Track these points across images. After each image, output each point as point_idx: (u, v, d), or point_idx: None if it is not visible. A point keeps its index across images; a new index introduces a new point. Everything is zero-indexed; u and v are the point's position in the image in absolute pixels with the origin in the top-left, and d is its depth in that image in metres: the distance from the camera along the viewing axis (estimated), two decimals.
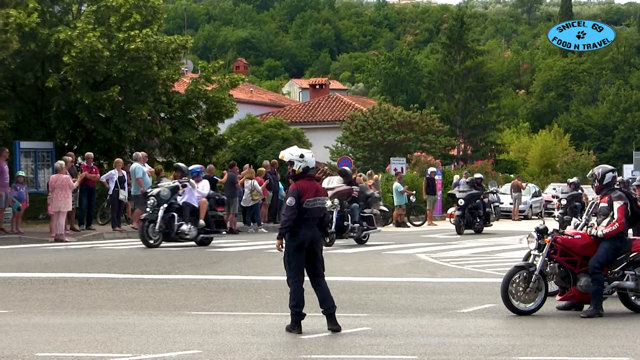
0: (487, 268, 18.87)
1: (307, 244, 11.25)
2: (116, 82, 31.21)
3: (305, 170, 11.45)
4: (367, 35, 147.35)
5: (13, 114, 31.46)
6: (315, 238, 11.30)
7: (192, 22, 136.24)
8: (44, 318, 12.22)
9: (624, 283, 12.99)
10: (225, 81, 34.94)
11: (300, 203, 11.27)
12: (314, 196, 11.33)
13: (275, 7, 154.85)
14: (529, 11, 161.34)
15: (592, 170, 13.49)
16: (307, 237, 11.24)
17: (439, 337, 11.09)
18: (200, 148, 34.08)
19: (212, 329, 11.40)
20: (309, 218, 11.28)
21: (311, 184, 11.41)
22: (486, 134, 67.58)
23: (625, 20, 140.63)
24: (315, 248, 11.31)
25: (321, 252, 11.43)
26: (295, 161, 11.46)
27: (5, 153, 25.86)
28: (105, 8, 32.42)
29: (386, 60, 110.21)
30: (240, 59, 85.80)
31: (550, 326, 12.06)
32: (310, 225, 11.29)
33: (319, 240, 11.39)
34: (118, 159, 28.72)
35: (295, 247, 11.25)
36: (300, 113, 59.29)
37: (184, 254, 21.69)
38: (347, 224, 24.28)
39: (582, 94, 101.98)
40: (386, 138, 50.47)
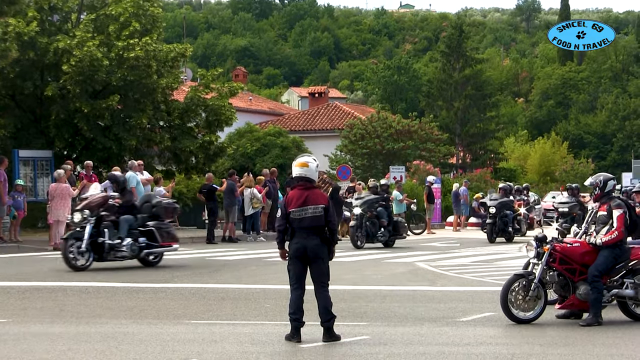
0: (486, 276, 18.86)
1: (301, 253, 11.13)
2: (115, 91, 31.20)
3: (297, 179, 11.42)
4: (366, 43, 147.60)
5: (12, 122, 31.45)
6: (309, 247, 11.12)
7: (192, 30, 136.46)
8: (42, 327, 12.20)
9: (623, 291, 12.99)
10: (225, 89, 34.94)
11: (287, 213, 11.24)
12: (302, 205, 11.18)
13: (274, 15, 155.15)
14: (527, 20, 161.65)
15: (591, 178, 13.46)
16: (300, 246, 11.14)
17: (439, 345, 11.08)
18: (200, 156, 34.07)
19: (211, 338, 11.39)
20: (300, 227, 11.16)
21: (300, 193, 11.27)
22: (485, 143, 67.61)
23: (624, 29, 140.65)
24: (313, 257, 11.14)
25: (323, 261, 11.21)
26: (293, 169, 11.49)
27: (5, 162, 25.92)
28: (105, 17, 32.44)
29: (385, 69, 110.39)
30: (240, 67, 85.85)
31: (550, 335, 12.05)
32: (303, 234, 11.16)
33: (315, 249, 11.12)
34: (116, 167, 28.68)
35: (290, 256, 11.23)
36: (300, 121, 59.35)
37: (183, 263, 21.66)
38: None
39: (581, 102, 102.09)
40: (385, 146, 50.51)
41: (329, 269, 11.35)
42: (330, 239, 11.31)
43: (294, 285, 11.18)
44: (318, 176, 11.78)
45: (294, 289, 11.17)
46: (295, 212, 11.16)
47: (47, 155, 31.17)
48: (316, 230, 11.19)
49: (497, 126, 70.37)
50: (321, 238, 11.20)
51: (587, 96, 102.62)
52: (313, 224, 11.17)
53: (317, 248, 11.16)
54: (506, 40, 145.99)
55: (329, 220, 11.26)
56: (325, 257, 11.25)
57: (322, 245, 11.21)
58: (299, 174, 11.36)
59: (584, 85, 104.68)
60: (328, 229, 11.28)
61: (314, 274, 11.22)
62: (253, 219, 30.85)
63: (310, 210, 11.18)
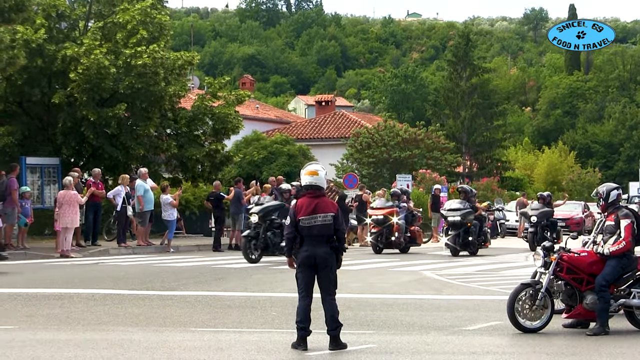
0: (492, 285, 18.83)
1: (310, 262, 11.14)
2: (123, 99, 31.21)
3: (306, 187, 11.43)
4: (374, 52, 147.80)
5: (19, 129, 31.53)
6: (318, 255, 11.12)
7: (199, 38, 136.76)
8: (49, 334, 12.20)
9: (630, 301, 12.96)
10: (232, 97, 34.96)
11: (296, 221, 11.25)
12: (312, 214, 11.17)
13: (281, 23, 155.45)
14: (535, 29, 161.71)
15: (597, 189, 13.49)
16: (309, 254, 11.14)
17: (445, 354, 11.06)
18: (206, 165, 34.09)
19: (218, 346, 11.38)
20: (310, 235, 11.16)
21: (310, 201, 11.27)
22: (492, 152, 67.54)
23: (632, 38, 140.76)
24: (321, 265, 11.14)
25: (331, 270, 11.18)
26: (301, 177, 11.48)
27: (16, 169, 26.06)
28: (112, 24, 32.50)
29: (392, 77, 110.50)
30: (247, 75, 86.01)
31: (557, 344, 12.02)
32: (313, 242, 11.16)
33: (324, 257, 11.12)
34: (124, 175, 28.74)
35: (299, 264, 11.23)
36: (306, 130, 59.36)
37: (189, 270, 21.66)
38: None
39: (588, 111, 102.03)
40: (392, 155, 50.47)
41: (337, 277, 11.34)
42: (339, 247, 11.30)
43: (302, 293, 11.18)
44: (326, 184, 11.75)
45: (302, 297, 11.16)
46: (304, 220, 11.16)
47: (54, 162, 31.22)
48: (325, 238, 11.19)
49: (504, 135, 70.32)
50: (330, 246, 11.20)
51: (594, 105, 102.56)
52: (322, 232, 11.16)
53: (326, 256, 11.15)
54: (513, 49, 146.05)
55: (337, 228, 11.25)
56: (334, 265, 11.24)
57: (331, 253, 11.20)
58: (309, 182, 11.36)
59: (591, 95, 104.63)
60: (336, 237, 11.27)
61: (322, 282, 11.20)
62: None
63: (320, 219, 11.17)
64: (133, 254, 26.72)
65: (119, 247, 27.27)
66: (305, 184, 11.41)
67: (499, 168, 66.52)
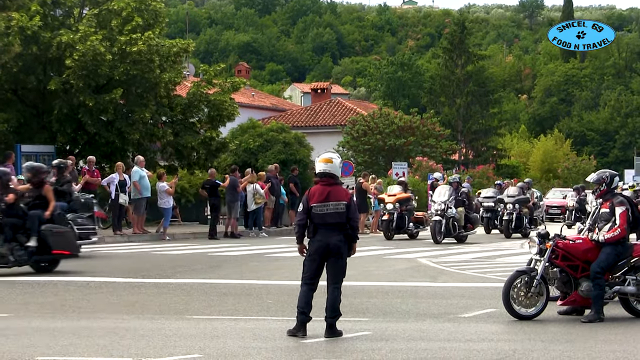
0: (488, 273, 18.85)
1: (322, 251, 11.10)
2: (118, 85, 31.20)
3: (320, 175, 11.41)
4: (369, 39, 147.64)
5: (15, 117, 31.48)
6: (332, 243, 11.08)
7: (194, 26, 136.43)
8: (44, 322, 12.20)
9: (625, 288, 12.98)
10: (227, 85, 34.93)
11: (309, 208, 11.24)
12: (324, 201, 11.15)
13: (277, 11, 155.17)
14: (530, 16, 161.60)
15: (595, 175, 13.39)
16: (322, 244, 11.09)
17: (440, 341, 11.07)
18: (202, 152, 34.06)
19: (213, 333, 11.39)
20: (322, 223, 11.12)
21: (323, 188, 11.23)
22: (487, 139, 67.56)
23: (627, 26, 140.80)
24: (334, 253, 11.09)
25: (342, 258, 11.14)
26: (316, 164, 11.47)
27: (12, 157, 26.01)
28: (107, 11, 32.45)
29: (388, 65, 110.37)
30: (242, 63, 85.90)
31: (552, 331, 12.04)
32: (325, 231, 11.12)
33: (337, 245, 11.07)
34: (119, 162, 28.71)
35: (310, 252, 11.20)
36: (302, 117, 59.30)
37: (185, 257, 21.67)
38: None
39: (584, 99, 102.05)
40: (387, 142, 50.46)
41: (346, 266, 11.34)
42: (352, 235, 11.29)
43: (307, 281, 11.14)
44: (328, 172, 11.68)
45: (307, 284, 11.14)
46: (317, 207, 11.13)
47: (49, 150, 31.14)
48: (338, 226, 11.16)
49: (499, 123, 70.32)
50: (344, 234, 11.18)
51: (589, 93, 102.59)
52: (335, 220, 11.13)
53: (340, 244, 11.12)
54: (509, 36, 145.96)
55: (350, 217, 11.23)
56: (345, 253, 11.22)
57: (344, 241, 11.18)
58: (323, 170, 11.34)
59: (586, 82, 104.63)
60: (350, 225, 11.24)
61: (332, 271, 11.18)
62: (255, 215, 30.86)
63: (332, 206, 11.13)
64: (129, 241, 26.70)
65: (115, 235, 27.25)
66: (319, 171, 11.40)
67: (495, 156, 66.57)
